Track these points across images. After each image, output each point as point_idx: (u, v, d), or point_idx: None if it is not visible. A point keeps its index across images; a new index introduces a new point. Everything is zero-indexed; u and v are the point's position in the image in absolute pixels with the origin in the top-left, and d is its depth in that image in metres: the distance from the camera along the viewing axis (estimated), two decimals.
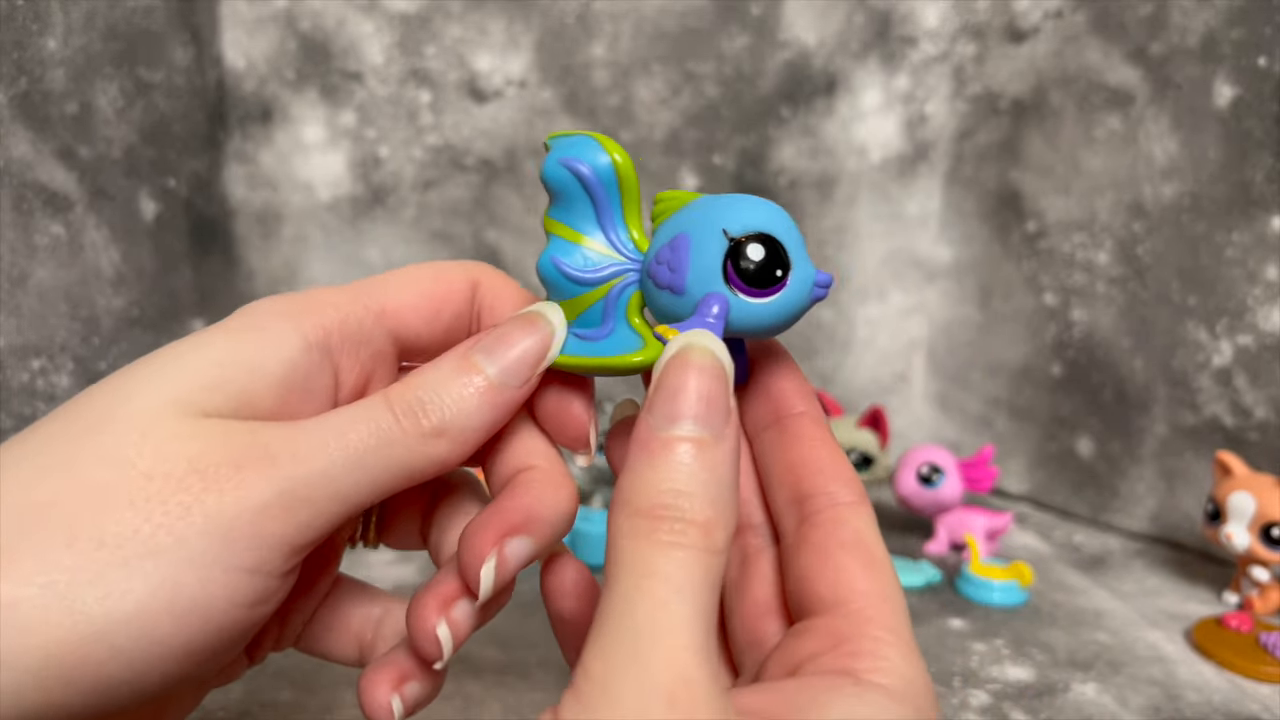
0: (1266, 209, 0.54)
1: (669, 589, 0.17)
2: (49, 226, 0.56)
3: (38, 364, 0.56)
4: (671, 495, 0.18)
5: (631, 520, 0.18)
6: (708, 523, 0.18)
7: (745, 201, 0.22)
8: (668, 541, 0.18)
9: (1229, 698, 0.42)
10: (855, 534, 0.22)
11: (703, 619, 0.17)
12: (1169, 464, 0.61)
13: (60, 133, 0.56)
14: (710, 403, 0.19)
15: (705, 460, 0.19)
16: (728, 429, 0.19)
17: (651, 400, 0.20)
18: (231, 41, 0.68)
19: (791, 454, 0.23)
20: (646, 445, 0.19)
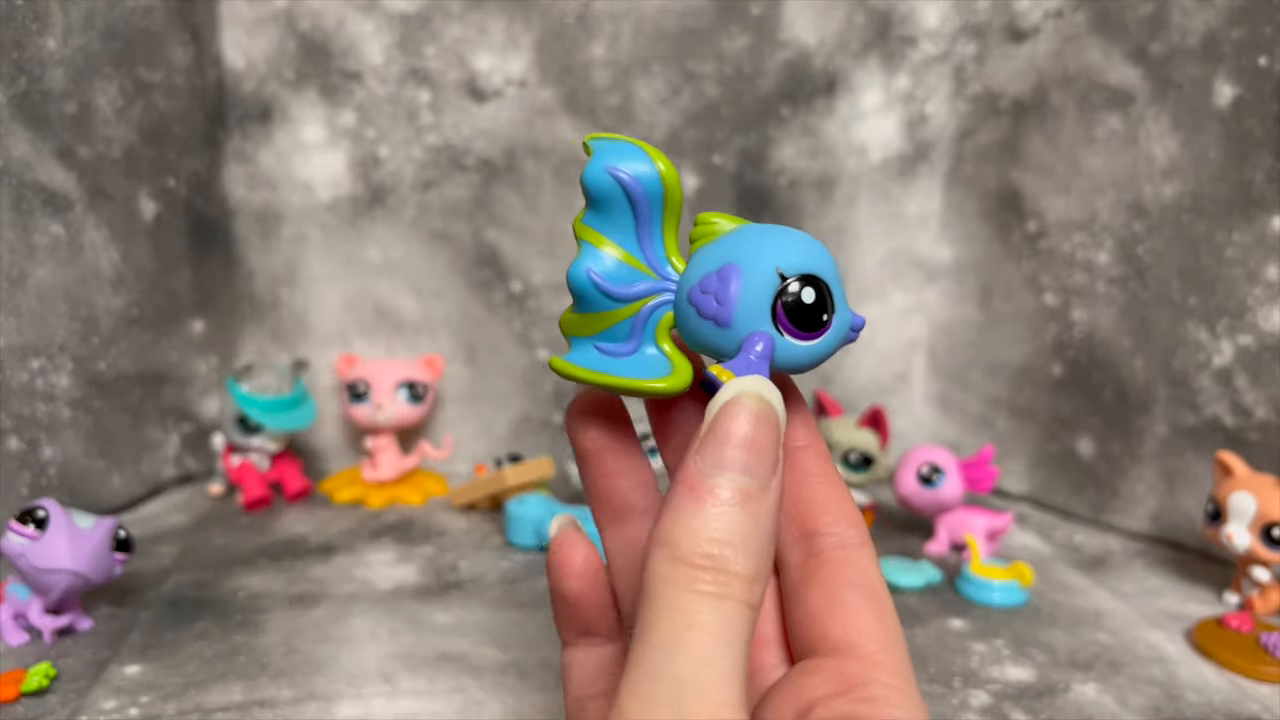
0: (1267, 209, 0.54)
1: (712, 642, 0.17)
2: (48, 226, 0.56)
3: (37, 364, 0.55)
4: (716, 545, 0.18)
5: (673, 566, 0.18)
6: (751, 576, 0.18)
7: (796, 239, 0.22)
8: (711, 593, 0.18)
9: (1229, 698, 0.42)
10: (863, 575, 0.22)
11: (741, 674, 0.17)
12: (1169, 464, 0.61)
13: (60, 132, 0.56)
14: (762, 453, 0.19)
15: (751, 512, 0.19)
16: (774, 481, 0.19)
17: (702, 443, 0.19)
18: (231, 41, 0.68)
19: (797, 488, 0.23)
20: (694, 489, 0.19)
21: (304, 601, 0.50)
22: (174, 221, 0.66)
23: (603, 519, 0.25)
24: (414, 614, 0.48)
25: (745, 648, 0.18)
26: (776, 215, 0.75)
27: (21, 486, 0.54)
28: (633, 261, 0.23)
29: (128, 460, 0.63)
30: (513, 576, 0.54)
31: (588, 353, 0.23)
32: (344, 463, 0.74)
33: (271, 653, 0.44)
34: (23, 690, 0.38)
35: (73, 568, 0.42)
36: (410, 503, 0.67)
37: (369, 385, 0.68)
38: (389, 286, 0.73)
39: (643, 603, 0.18)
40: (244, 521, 0.62)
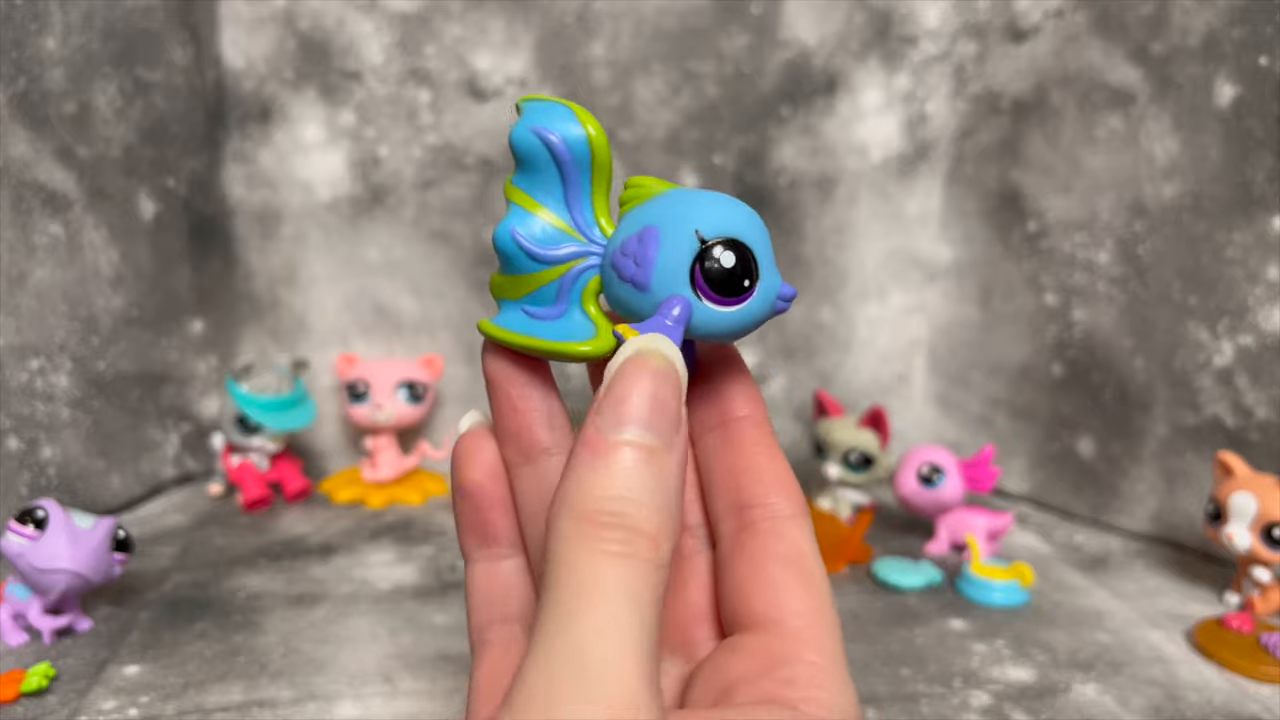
0: (1267, 209, 0.54)
1: (618, 603, 0.17)
2: (48, 226, 0.56)
3: (36, 364, 0.55)
4: (620, 502, 0.17)
5: (576, 525, 0.17)
6: (656, 533, 0.17)
7: (720, 201, 0.21)
8: (615, 552, 0.17)
9: (1230, 698, 0.42)
10: (793, 548, 0.21)
11: (649, 638, 0.17)
12: (1170, 464, 0.61)
13: (59, 132, 0.56)
14: (663, 409, 0.19)
15: (655, 468, 0.18)
16: (678, 438, 0.19)
17: (601, 402, 0.19)
18: (230, 41, 0.68)
19: (733, 459, 0.22)
20: (594, 447, 0.18)
21: (304, 601, 0.50)
22: (174, 221, 0.66)
23: (511, 457, 0.24)
24: (414, 614, 0.48)
25: (654, 609, 0.17)
26: (776, 215, 0.75)
27: (21, 486, 0.54)
28: (559, 224, 0.23)
29: (127, 460, 0.63)
30: None
31: (515, 315, 0.23)
32: (344, 463, 0.74)
33: (271, 653, 0.44)
34: (22, 690, 0.38)
35: (72, 568, 0.42)
36: (410, 503, 0.67)
37: (369, 385, 0.68)
38: (389, 286, 0.73)
39: (546, 566, 0.18)
40: (244, 521, 0.62)
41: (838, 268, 0.77)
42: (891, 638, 0.47)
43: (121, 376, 0.62)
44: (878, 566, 0.55)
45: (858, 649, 0.46)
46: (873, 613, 0.50)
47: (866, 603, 0.51)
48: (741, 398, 0.23)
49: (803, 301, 0.77)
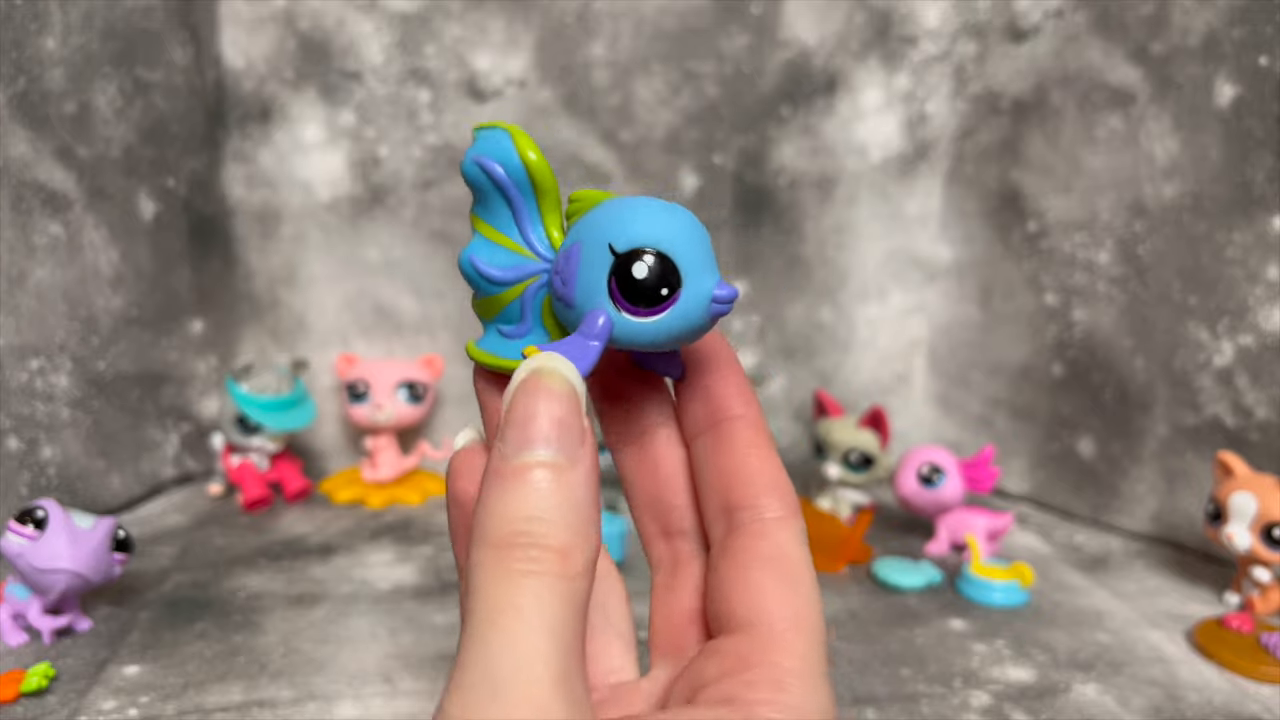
0: (1267, 209, 0.54)
1: (524, 622, 0.17)
2: (48, 226, 0.56)
3: (36, 364, 0.55)
4: (525, 522, 0.18)
5: (489, 551, 0.18)
6: (564, 548, 0.18)
7: (639, 210, 0.21)
8: (521, 570, 0.17)
9: (1230, 698, 0.42)
10: (778, 550, 0.21)
11: (560, 649, 0.17)
12: (1170, 464, 0.61)
13: (59, 132, 0.56)
14: (562, 426, 0.19)
15: (560, 485, 0.18)
16: (582, 451, 0.19)
17: (503, 429, 0.19)
18: (230, 41, 0.68)
19: (724, 461, 0.22)
20: (499, 474, 0.18)
21: (304, 601, 0.50)
22: (173, 221, 0.66)
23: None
24: (414, 614, 0.48)
25: (569, 622, 0.17)
26: (776, 215, 0.75)
27: (21, 486, 0.54)
28: (513, 245, 0.23)
29: (127, 460, 0.63)
30: None
31: (492, 336, 0.24)
32: (343, 463, 0.74)
33: (271, 653, 0.44)
34: (22, 690, 0.38)
35: (72, 568, 0.42)
36: (410, 503, 0.67)
37: (369, 385, 0.68)
38: (389, 286, 0.73)
39: (466, 598, 0.18)
40: (243, 521, 0.62)
41: (838, 268, 0.77)
42: (891, 638, 0.47)
43: (121, 376, 0.62)
44: (878, 566, 0.55)
45: (858, 649, 0.46)
46: (873, 613, 0.50)
47: (866, 603, 0.51)
48: (735, 397, 0.23)
49: (803, 301, 0.77)
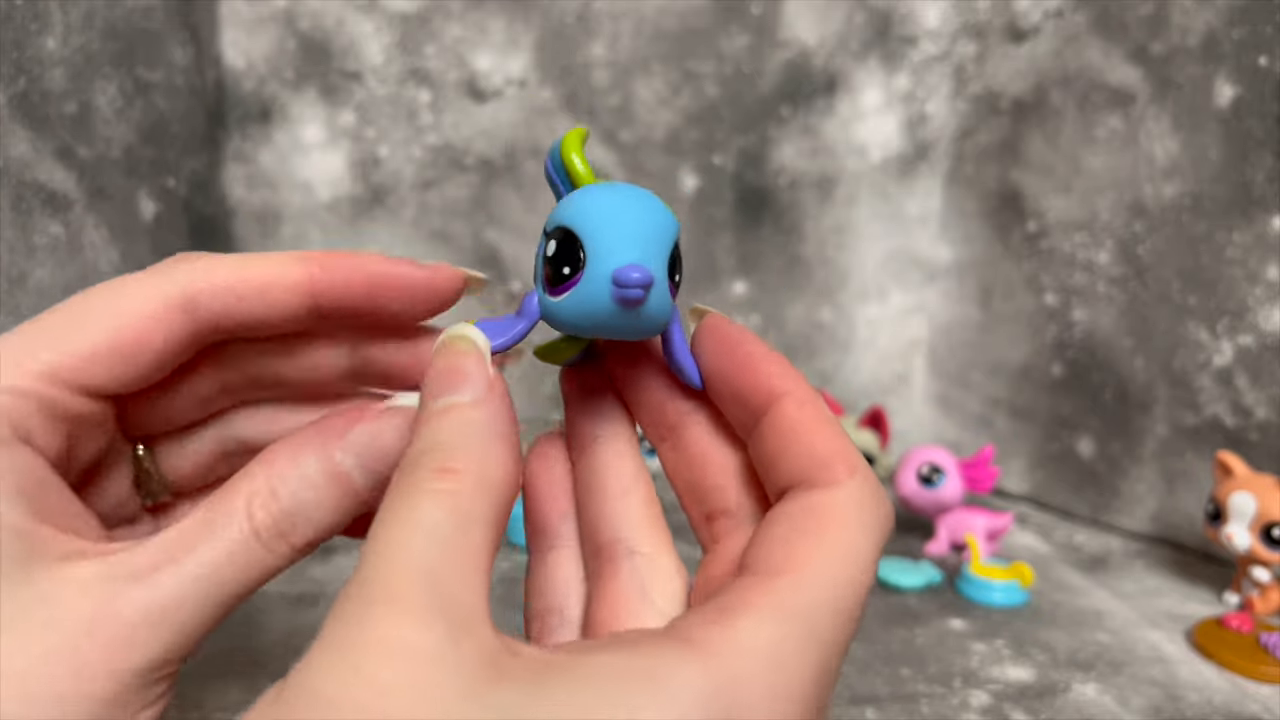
0: (1267, 209, 0.54)
1: (399, 526, 0.17)
2: (48, 226, 0.56)
3: None
4: (421, 451, 0.19)
5: (389, 487, 0.19)
6: (451, 465, 0.18)
7: (583, 192, 0.21)
8: (408, 485, 0.18)
9: (1230, 698, 0.42)
10: (809, 506, 0.20)
11: (435, 550, 0.17)
12: (1170, 464, 0.61)
13: (59, 132, 0.56)
14: (465, 375, 0.20)
15: (458, 419, 0.19)
16: (488, 394, 0.20)
17: (423, 390, 0.21)
18: (231, 41, 0.68)
19: (766, 447, 0.22)
20: (417, 421, 0.20)
21: (304, 601, 0.50)
22: (174, 221, 0.66)
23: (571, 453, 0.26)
24: None
25: (453, 533, 0.17)
26: (776, 215, 0.75)
27: None
28: None
29: None
30: (513, 576, 0.54)
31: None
32: None
33: (271, 653, 0.44)
34: None
35: None
36: None
37: None
38: None
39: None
40: None
41: (838, 268, 0.77)
42: (891, 638, 0.47)
43: None
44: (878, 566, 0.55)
45: (858, 649, 0.46)
46: (873, 613, 0.50)
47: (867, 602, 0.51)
48: (762, 390, 0.22)
49: (803, 301, 0.77)
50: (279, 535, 0.22)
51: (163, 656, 0.20)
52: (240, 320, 0.23)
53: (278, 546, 0.22)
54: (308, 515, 0.22)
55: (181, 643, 0.21)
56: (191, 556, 0.21)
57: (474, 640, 0.16)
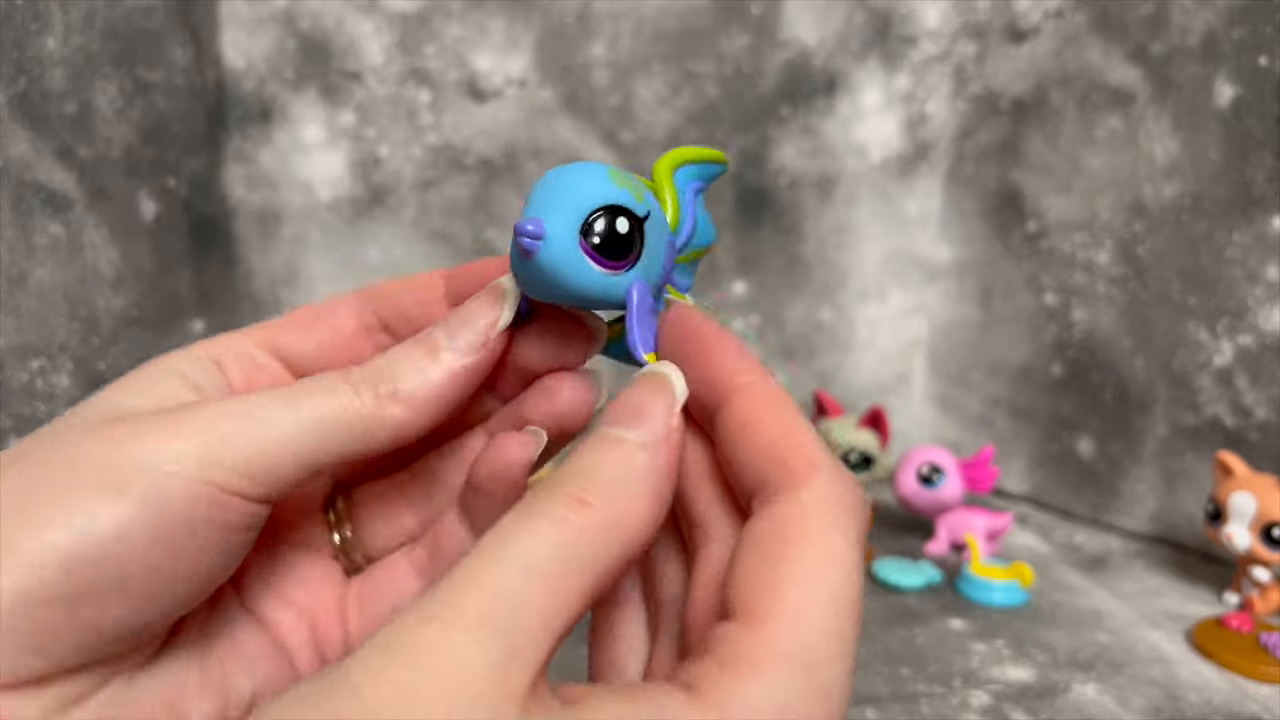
0: (1267, 209, 0.54)
1: (500, 538, 0.17)
2: (48, 226, 0.56)
3: (37, 364, 0.55)
4: (567, 474, 0.19)
5: (536, 489, 0.19)
6: (586, 498, 0.18)
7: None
8: (527, 506, 0.18)
9: (1229, 698, 0.42)
10: (775, 526, 0.19)
11: (520, 574, 0.17)
12: (1169, 464, 0.61)
13: (60, 132, 0.56)
14: (639, 410, 0.20)
15: (620, 457, 0.19)
16: (661, 444, 0.20)
17: (606, 410, 0.21)
18: (231, 41, 0.68)
19: (726, 448, 0.21)
20: (583, 440, 0.20)
21: None
22: (174, 221, 0.66)
23: None
24: None
25: (556, 567, 0.17)
26: (777, 215, 0.75)
27: None
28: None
29: None
30: None
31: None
32: None
33: None
34: None
35: None
36: None
37: None
38: None
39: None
40: None
41: (838, 268, 0.77)
42: (891, 638, 0.47)
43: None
44: (878, 566, 0.55)
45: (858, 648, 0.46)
46: (873, 613, 0.50)
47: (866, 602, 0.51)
48: (720, 379, 0.22)
49: (802, 301, 0.77)
50: (369, 383, 0.23)
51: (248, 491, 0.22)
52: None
53: (369, 393, 0.23)
54: (395, 368, 0.23)
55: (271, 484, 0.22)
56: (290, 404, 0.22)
57: (523, 675, 0.16)
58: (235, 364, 0.26)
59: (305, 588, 0.28)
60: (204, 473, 0.21)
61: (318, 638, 0.27)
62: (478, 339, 0.24)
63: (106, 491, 0.20)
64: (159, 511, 0.20)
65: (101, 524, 0.20)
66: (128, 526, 0.20)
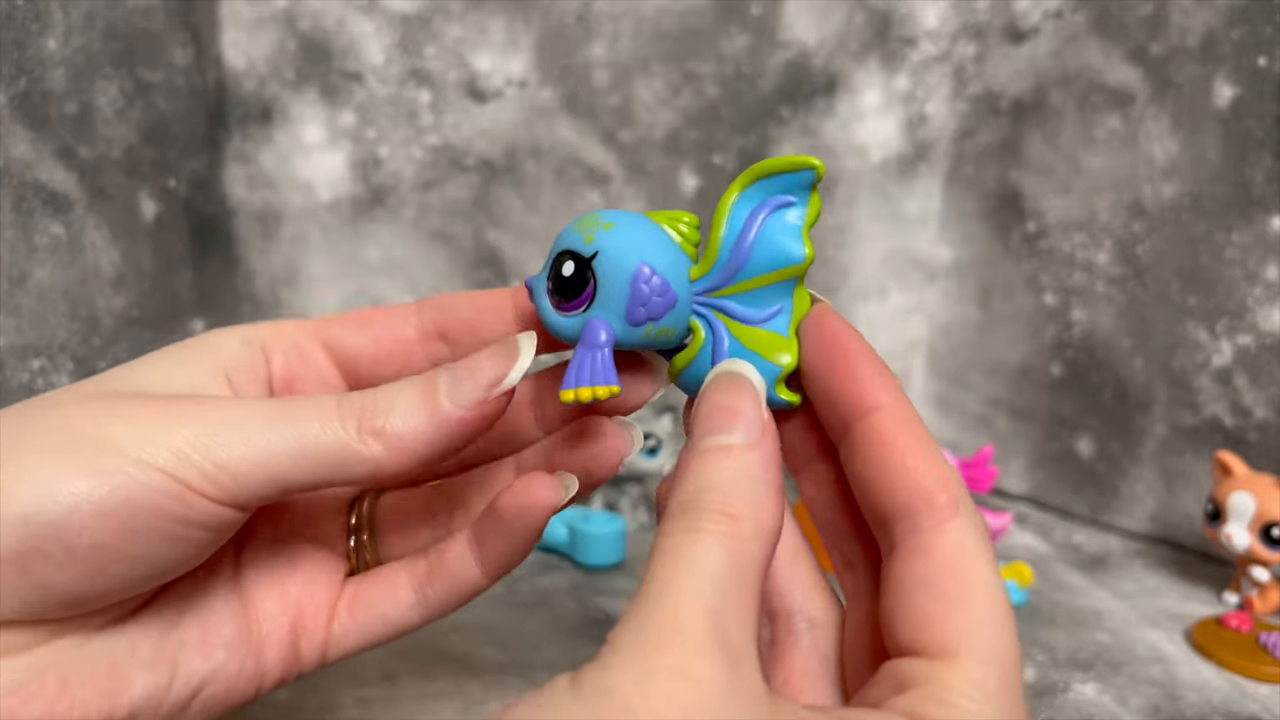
0: (1266, 209, 0.54)
1: (687, 568, 0.18)
2: (49, 226, 0.56)
3: (37, 364, 0.55)
4: (700, 491, 0.19)
5: (665, 517, 0.19)
6: (732, 513, 0.19)
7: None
8: (687, 527, 0.19)
9: (1229, 698, 0.42)
10: (935, 565, 0.20)
11: (719, 595, 0.18)
12: (1169, 464, 0.61)
13: (60, 133, 0.56)
14: (741, 416, 0.21)
15: (735, 461, 0.20)
16: (761, 438, 0.21)
17: (694, 423, 0.21)
18: (231, 41, 0.68)
19: (863, 469, 0.22)
20: (686, 460, 0.21)
21: None
22: (174, 222, 0.66)
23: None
24: None
25: (733, 579, 0.18)
26: None
27: None
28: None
29: None
30: (514, 576, 0.54)
31: None
32: None
33: None
34: None
35: None
36: None
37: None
38: (389, 286, 0.73)
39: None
40: None
41: (837, 267, 0.77)
42: None
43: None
44: None
45: None
46: None
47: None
48: (857, 396, 0.23)
49: None
50: (355, 413, 0.23)
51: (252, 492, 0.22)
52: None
53: (352, 424, 0.23)
54: (388, 404, 0.23)
55: (239, 495, 0.22)
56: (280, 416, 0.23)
57: (749, 680, 0.17)
58: (282, 355, 0.27)
59: (304, 579, 0.28)
60: (173, 468, 0.21)
61: (296, 633, 0.27)
62: (478, 394, 0.23)
63: (74, 463, 0.20)
64: (118, 494, 0.21)
65: (59, 492, 0.20)
66: (84, 501, 0.20)
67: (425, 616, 0.28)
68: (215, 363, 0.26)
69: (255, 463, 0.22)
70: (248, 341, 0.26)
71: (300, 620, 0.27)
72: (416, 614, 0.28)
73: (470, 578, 0.28)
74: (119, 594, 0.22)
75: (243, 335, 0.27)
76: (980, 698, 0.18)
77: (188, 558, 0.23)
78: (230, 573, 0.27)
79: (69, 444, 0.21)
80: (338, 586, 0.28)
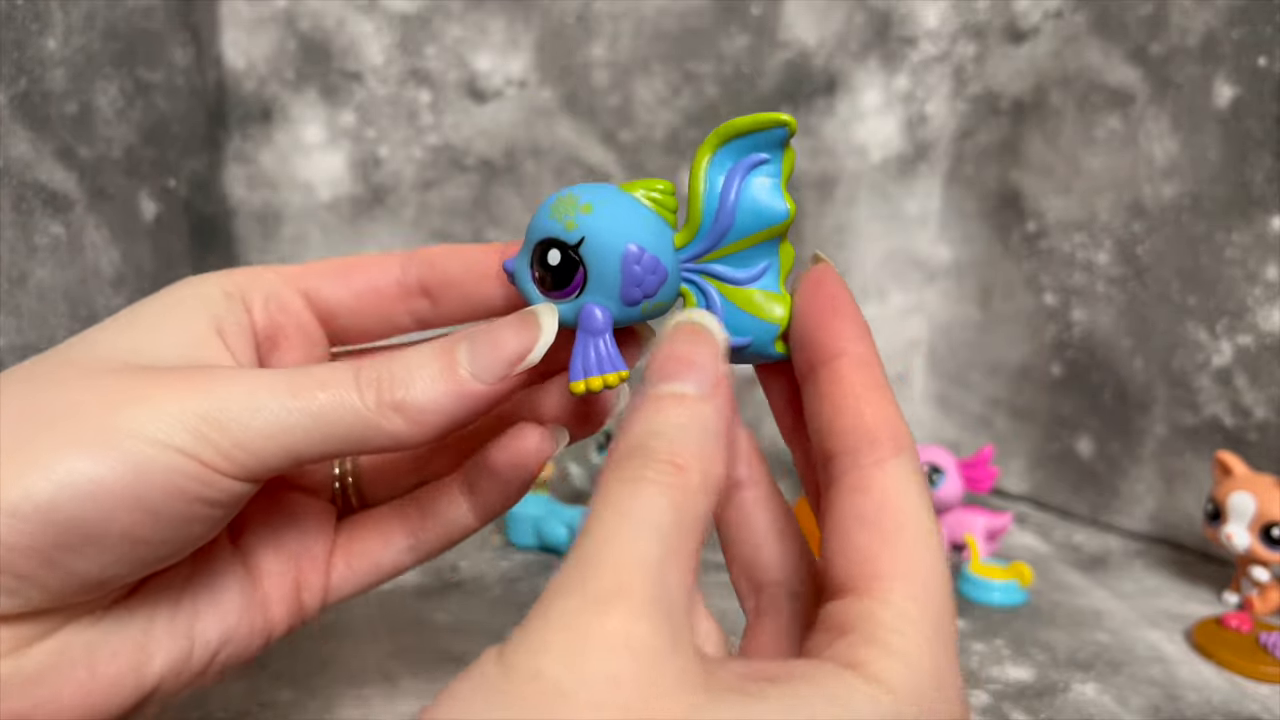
0: (1266, 209, 0.54)
1: (628, 520, 0.17)
2: (49, 226, 0.56)
3: None
4: (647, 437, 0.19)
5: (609, 464, 0.19)
6: (679, 463, 0.18)
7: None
8: (633, 477, 0.18)
9: (1229, 698, 0.42)
10: (872, 499, 0.20)
11: (662, 547, 0.17)
12: (1169, 464, 0.61)
13: (60, 133, 0.56)
14: (695, 366, 0.20)
15: (685, 410, 0.19)
16: (714, 389, 0.20)
17: (647, 370, 0.21)
18: (231, 41, 0.68)
19: (819, 405, 0.22)
20: (636, 405, 0.20)
21: None
22: (175, 222, 0.66)
23: None
24: (414, 614, 0.48)
25: (677, 532, 0.18)
26: None
27: None
28: None
29: None
30: (513, 576, 0.54)
31: None
32: None
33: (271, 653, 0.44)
34: None
35: None
36: None
37: None
38: None
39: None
40: None
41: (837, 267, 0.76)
42: None
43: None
44: None
45: None
46: None
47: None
48: (831, 340, 0.22)
49: None
50: (374, 386, 0.23)
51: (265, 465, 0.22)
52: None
53: (373, 398, 0.22)
54: (408, 377, 0.23)
55: (253, 467, 0.22)
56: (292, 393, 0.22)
57: (688, 644, 0.17)
58: (262, 304, 0.26)
59: (299, 531, 0.28)
60: (192, 448, 0.21)
61: (298, 586, 0.27)
62: (501, 369, 0.23)
63: (92, 449, 0.20)
64: (139, 478, 0.20)
65: (80, 481, 0.20)
66: (107, 488, 0.20)
67: (417, 559, 0.29)
68: (205, 318, 0.25)
69: (272, 438, 0.21)
70: (228, 292, 0.26)
71: (300, 574, 0.27)
72: (409, 557, 0.29)
73: (462, 522, 0.28)
74: (138, 574, 0.22)
75: (221, 284, 0.27)
76: (912, 632, 0.18)
77: (204, 533, 0.23)
78: (228, 535, 0.27)
79: (84, 428, 0.20)
80: (330, 534, 0.29)
